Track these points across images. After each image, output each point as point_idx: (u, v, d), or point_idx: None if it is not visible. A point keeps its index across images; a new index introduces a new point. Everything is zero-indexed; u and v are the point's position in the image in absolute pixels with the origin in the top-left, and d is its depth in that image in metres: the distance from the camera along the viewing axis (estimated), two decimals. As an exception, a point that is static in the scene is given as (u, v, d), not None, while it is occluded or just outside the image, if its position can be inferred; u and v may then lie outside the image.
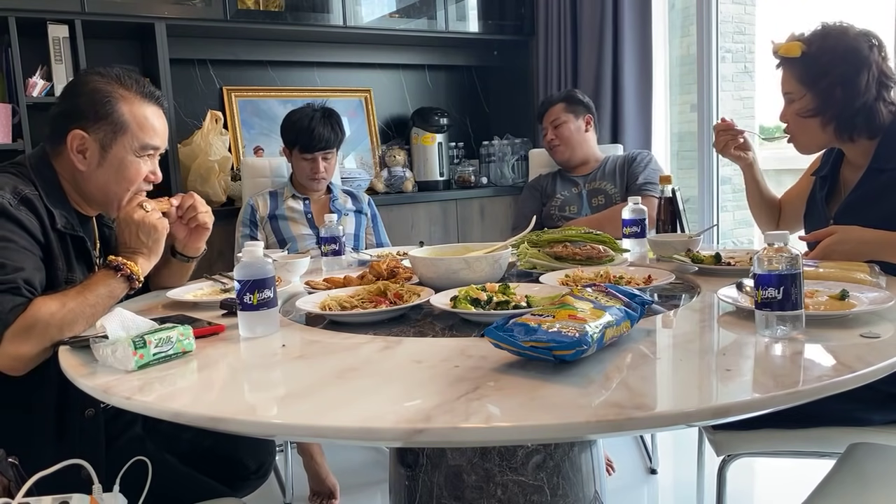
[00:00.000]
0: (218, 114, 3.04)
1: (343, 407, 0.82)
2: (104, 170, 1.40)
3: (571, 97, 2.74)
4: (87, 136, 1.37)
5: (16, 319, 1.15)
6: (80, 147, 1.37)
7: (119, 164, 1.40)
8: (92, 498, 0.93)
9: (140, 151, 1.42)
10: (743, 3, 3.65)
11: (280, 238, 2.45)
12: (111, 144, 1.39)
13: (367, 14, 3.28)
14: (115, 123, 1.38)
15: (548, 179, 2.77)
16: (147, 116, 1.42)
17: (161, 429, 1.46)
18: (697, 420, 0.79)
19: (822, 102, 1.51)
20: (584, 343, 0.86)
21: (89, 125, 1.37)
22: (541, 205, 2.72)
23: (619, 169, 2.64)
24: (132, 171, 1.42)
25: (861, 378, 0.84)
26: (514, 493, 1.16)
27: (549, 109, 2.73)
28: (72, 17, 2.60)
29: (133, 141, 1.40)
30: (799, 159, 1.77)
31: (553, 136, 2.69)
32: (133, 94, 1.41)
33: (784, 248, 0.99)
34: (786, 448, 1.46)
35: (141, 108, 1.42)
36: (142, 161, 1.43)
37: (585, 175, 2.70)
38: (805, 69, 1.52)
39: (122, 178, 1.41)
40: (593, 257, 1.59)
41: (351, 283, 1.50)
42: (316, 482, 2.22)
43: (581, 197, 2.65)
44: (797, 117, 1.56)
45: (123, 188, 1.42)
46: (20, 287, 1.20)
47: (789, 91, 1.56)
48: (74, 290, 1.25)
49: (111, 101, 1.38)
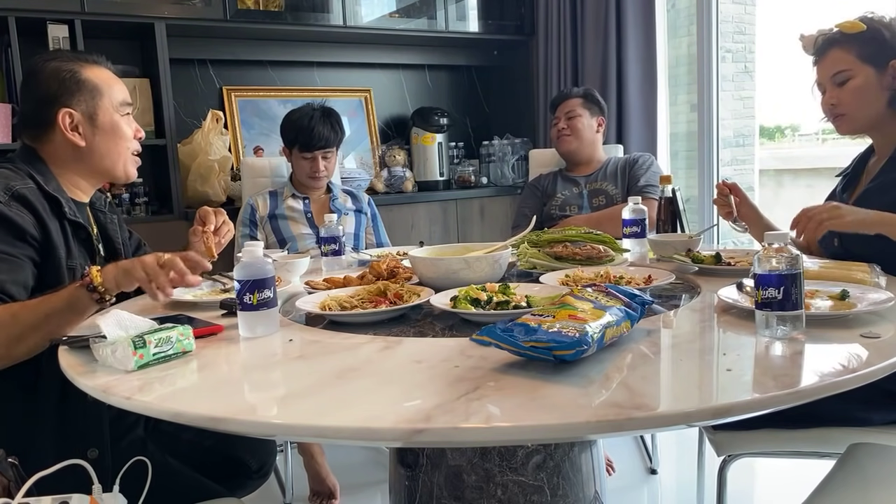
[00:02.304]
0: (218, 113, 3.04)
1: (343, 407, 0.82)
2: (101, 137, 1.45)
3: (590, 95, 2.73)
4: (73, 111, 1.41)
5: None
6: (72, 124, 1.42)
7: (112, 127, 1.46)
8: (92, 498, 0.93)
9: (121, 109, 1.48)
10: (743, 3, 3.65)
11: (280, 238, 2.45)
12: (96, 111, 1.44)
13: (367, 14, 3.29)
14: (90, 91, 1.43)
15: (548, 179, 2.76)
16: (109, 77, 1.49)
17: (162, 429, 1.46)
18: (697, 420, 0.79)
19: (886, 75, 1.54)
20: (585, 343, 0.86)
21: (70, 101, 1.41)
22: (541, 204, 2.71)
23: (620, 170, 2.64)
24: (124, 131, 1.48)
25: (861, 378, 0.84)
26: (514, 493, 1.16)
27: (567, 101, 2.70)
28: (72, 17, 2.60)
29: (111, 100, 1.46)
30: (799, 159, 1.78)
31: (565, 125, 2.67)
32: (87, 63, 1.46)
33: (784, 248, 0.99)
34: (786, 448, 1.46)
35: (99, 71, 1.47)
36: (125, 120, 1.49)
37: (587, 175, 2.69)
38: (866, 44, 1.54)
39: (119, 139, 1.48)
40: (593, 257, 1.59)
41: (351, 283, 1.50)
42: (316, 482, 2.23)
43: (582, 197, 2.64)
44: (856, 94, 1.57)
45: (124, 147, 1.49)
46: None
47: (844, 68, 1.57)
48: (35, 302, 1.22)
49: (75, 72, 1.43)
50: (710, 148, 3.16)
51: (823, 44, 1.60)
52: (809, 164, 4.62)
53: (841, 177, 1.74)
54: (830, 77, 1.59)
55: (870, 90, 1.55)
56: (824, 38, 1.60)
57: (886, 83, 1.54)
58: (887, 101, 1.56)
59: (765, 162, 4.25)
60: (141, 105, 2.87)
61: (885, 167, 1.57)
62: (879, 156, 1.63)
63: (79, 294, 1.20)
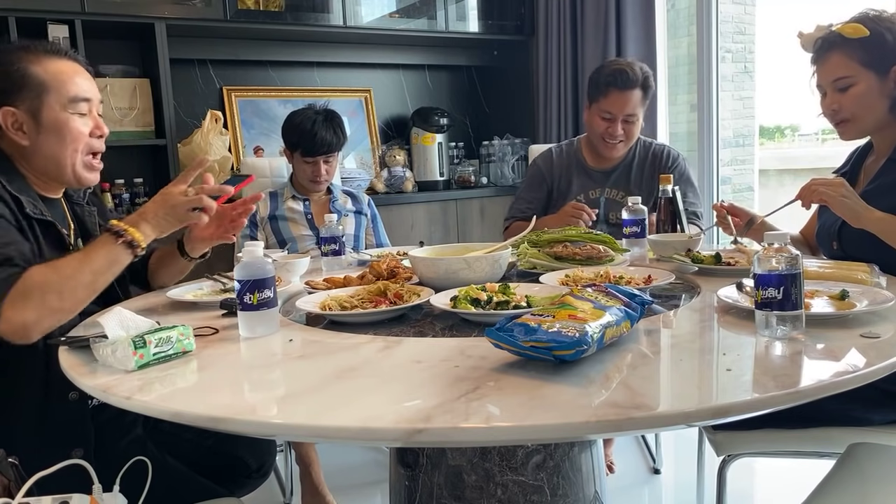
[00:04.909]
0: (218, 114, 3.05)
1: (343, 407, 0.82)
2: (45, 137, 1.35)
3: (649, 85, 2.20)
4: (15, 110, 1.33)
5: (11, 288, 1.14)
6: (15, 123, 1.34)
7: (56, 126, 1.35)
8: (92, 498, 0.93)
9: (71, 106, 1.36)
10: (743, 3, 3.65)
11: (280, 238, 2.45)
12: (40, 109, 1.34)
13: (367, 14, 3.29)
14: (34, 87, 1.33)
15: (562, 167, 2.34)
16: (62, 70, 1.37)
17: (162, 428, 1.46)
18: (697, 420, 0.79)
19: (888, 81, 1.52)
20: (585, 343, 0.86)
21: (13, 98, 1.33)
22: (546, 198, 2.37)
23: (647, 174, 2.28)
24: (73, 130, 1.37)
25: (861, 378, 0.84)
26: (514, 493, 1.16)
27: (629, 92, 2.15)
28: (72, 17, 2.60)
29: (58, 97, 1.35)
30: (799, 159, 1.78)
31: (622, 131, 2.19)
32: (40, 54, 1.36)
33: (784, 248, 0.99)
34: (786, 448, 1.46)
35: (53, 64, 1.36)
36: (78, 118, 1.38)
37: (608, 171, 2.30)
38: (869, 49, 1.52)
39: (65, 140, 1.36)
40: (593, 257, 1.59)
41: (351, 283, 1.50)
42: (314, 497, 2.18)
43: (598, 204, 2.27)
44: (858, 100, 1.55)
45: (71, 150, 1.38)
46: (13, 258, 1.19)
47: (846, 75, 1.54)
48: (73, 257, 1.23)
49: (20, 67, 1.33)
50: (710, 148, 3.16)
51: (824, 45, 1.57)
52: (809, 164, 4.62)
53: (838, 175, 1.73)
54: (832, 82, 1.57)
55: (872, 96, 1.53)
56: (824, 38, 1.57)
57: (888, 90, 1.52)
58: (888, 107, 1.54)
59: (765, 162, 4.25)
60: (141, 105, 2.87)
61: (883, 169, 1.56)
62: (878, 155, 1.62)
63: (118, 251, 1.22)
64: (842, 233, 1.54)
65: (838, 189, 1.44)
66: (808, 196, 1.48)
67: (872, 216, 1.40)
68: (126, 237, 1.23)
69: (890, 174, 1.53)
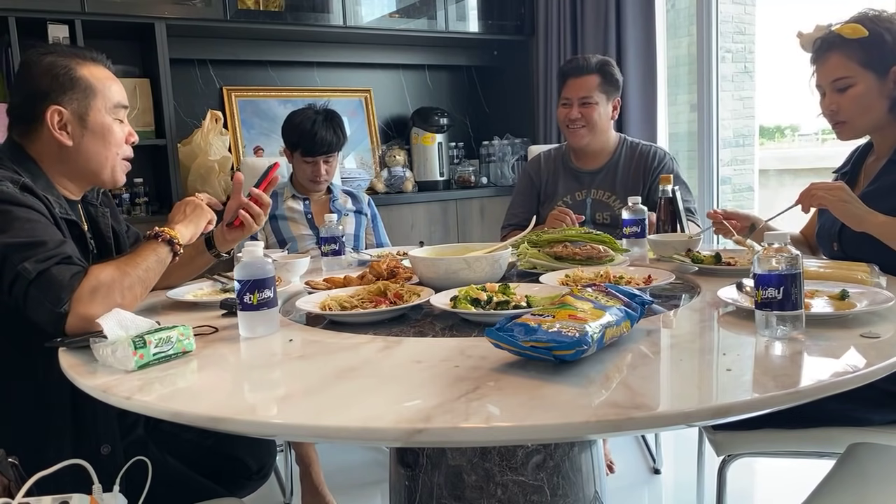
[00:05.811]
0: (218, 114, 3.04)
1: (343, 407, 0.83)
2: (90, 139, 1.40)
3: (608, 72, 2.26)
4: (63, 109, 1.36)
5: (79, 285, 1.17)
6: (60, 123, 1.37)
7: (102, 129, 1.41)
8: (92, 498, 0.93)
9: (114, 112, 1.42)
10: (743, 3, 3.65)
11: (280, 238, 2.45)
12: (88, 111, 1.39)
13: (367, 14, 3.29)
14: (83, 90, 1.38)
15: (549, 171, 2.39)
16: (107, 76, 1.43)
17: (162, 429, 1.46)
18: (697, 420, 0.79)
19: (888, 82, 1.52)
20: (585, 343, 0.86)
21: (61, 98, 1.36)
22: (536, 202, 2.40)
23: (633, 175, 2.29)
24: (115, 134, 1.43)
25: (861, 378, 0.84)
26: (514, 493, 1.16)
27: (583, 78, 2.25)
28: (72, 17, 2.60)
29: (106, 101, 1.41)
30: (799, 159, 1.78)
31: (579, 114, 2.24)
32: (85, 60, 1.41)
33: (784, 248, 0.99)
34: (786, 448, 1.46)
35: (97, 70, 1.42)
36: (118, 123, 1.44)
37: (593, 171, 2.32)
38: (868, 50, 1.51)
39: (108, 143, 1.42)
40: (593, 257, 1.59)
41: (351, 283, 1.50)
42: (314, 497, 2.18)
43: (585, 206, 2.30)
44: (857, 101, 1.54)
45: (113, 153, 1.43)
46: (71, 256, 1.22)
47: (846, 75, 1.54)
48: (125, 258, 1.28)
49: (70, 69, 1.37)
50: (710, 148, 3.16)
51: (823, 45, 1.57)
52: (809, 164, 4.62)
53: (838, 175, 1.73)
54: (831, 82, 1.56)
55: (871, 97, 1.53)
56: (823, 39, 1.56)
57: (887, 90, 1.52)
58: (888, 107, 1.54)
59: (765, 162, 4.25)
60: (141, 105, 2.87)
61: (883, 170, 1.56)
62: (878, 155, 1.62)
63: (162, 250, 1.32)
64: (842, 234, 1.54)
65: (838, 193, 1.43)
66: (808, 200, 1.48)
67: (875, 220, 1.39)
68: (164, 236, 1.33)
69: (890, 175, 1.53)
